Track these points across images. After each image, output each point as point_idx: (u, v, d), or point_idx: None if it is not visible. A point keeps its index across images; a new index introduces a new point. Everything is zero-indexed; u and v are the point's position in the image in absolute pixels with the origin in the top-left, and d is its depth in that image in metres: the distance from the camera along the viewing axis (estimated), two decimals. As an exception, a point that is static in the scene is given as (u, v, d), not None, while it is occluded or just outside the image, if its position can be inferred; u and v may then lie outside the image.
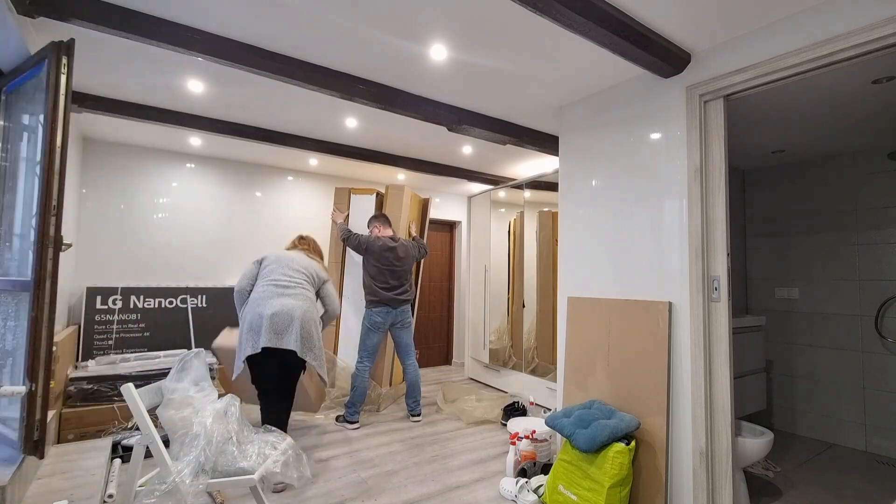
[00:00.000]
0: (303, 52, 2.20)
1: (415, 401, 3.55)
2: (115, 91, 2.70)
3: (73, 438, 2.66)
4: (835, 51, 1.68)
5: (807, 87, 2.29)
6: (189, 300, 3.72)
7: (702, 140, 2.06)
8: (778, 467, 2.80)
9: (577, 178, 2.67)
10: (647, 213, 2.28)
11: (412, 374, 3.56)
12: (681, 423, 2.07)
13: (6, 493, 1.57)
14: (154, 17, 1.91)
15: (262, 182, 4.39)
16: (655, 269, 2.23)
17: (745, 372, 3.07)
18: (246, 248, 4.26)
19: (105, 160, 3.68)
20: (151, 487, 1.56)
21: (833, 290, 3.33)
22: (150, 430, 1.63)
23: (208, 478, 1.61)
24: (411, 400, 3.56)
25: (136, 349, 3.48)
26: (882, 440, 3.04)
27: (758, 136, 3.03)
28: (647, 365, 2.17)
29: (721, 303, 1.99)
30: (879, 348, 3.10)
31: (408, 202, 4.00)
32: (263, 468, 1.71)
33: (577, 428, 2.08)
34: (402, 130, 3.36)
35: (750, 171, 3.83)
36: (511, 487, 2.32)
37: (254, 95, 2.74)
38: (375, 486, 2.41)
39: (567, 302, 2.63)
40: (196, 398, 1.81)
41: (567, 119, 2.78)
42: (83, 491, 1.88)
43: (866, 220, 3.19)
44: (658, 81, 2.27)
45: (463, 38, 2.04)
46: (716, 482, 1.96)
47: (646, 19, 1.86)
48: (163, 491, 1.54)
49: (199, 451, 1.61)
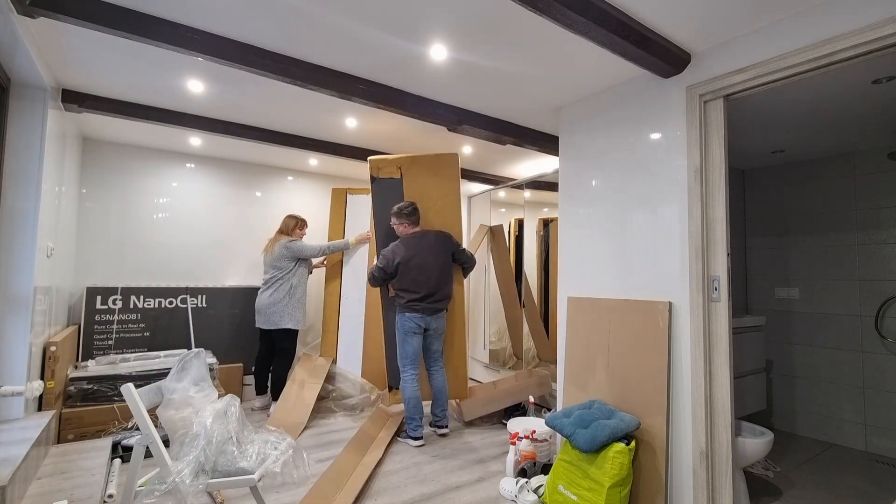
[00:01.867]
0: (302, 52, 2.20)
1: (442, 410, 3.18)
2: (115, 91, 2.70)
3: (73, 438, 2.66)
4: (835, 51, 1.68)
5: (807, 87, 2.29)
6: (189, 300, 3.72)
7: (702, 140, 2.06)
8: (778, 467, 2.80)
9: (577, 178, 2.67)
10: (646, 213, 2.28)
11: (439, 382, 3.19)
12: (681, 423, 2.07)
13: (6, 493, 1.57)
14: (154, 17, 1.91)
15: (262, 182, 4.39)
16: (655, 269, 2.23)
17: (745, 372, 3.07)
18: (246, 249, 4.25)
19: (105, 160, 3.68)
20: (151, 487, 1.56)
21: (833, 290, 3.33)
22: (150, 430, 1.63)
23: (208, 478, 1.61)
24: (438, 409, 3.18)
25: (136, 349, 3.48)
26: (882, 440, 3.04)
27: (758, 136, 3.03)
28: (647, 365, 2.17)
29: (721, 303, 1.99)
30: (879, 348, 3.10)
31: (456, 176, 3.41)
32: (263, 468, 1.71)
33: (577, 428, 2.08)
34: (402, 130, 3.36)
35: (750, 171, 3.83)
36: (511, 487, 2.32)
37: (254, 95, 2.74)
38: (375, 486, 2.41)
39: (567, 302, 2.63)
40: (196, 398, 1.81)
41: (567, 119, 2.78)
42: (83, 491, 1.89)
43: (866, 220, 3.19)
44: (658, 81, 2.27)
45: (463, 38, 2.04)
46: (716, 482, 1.96)
47: (646, 19, 1.86)
48: (163, 491, 1.54)
49: (199, 451, 1.61)
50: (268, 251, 3.71)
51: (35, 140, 2.33)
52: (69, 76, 2.50)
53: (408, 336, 3.07)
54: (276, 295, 3.56)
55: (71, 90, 2.68)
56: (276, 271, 3.61)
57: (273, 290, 3.58)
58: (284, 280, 3.61)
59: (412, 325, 3.06)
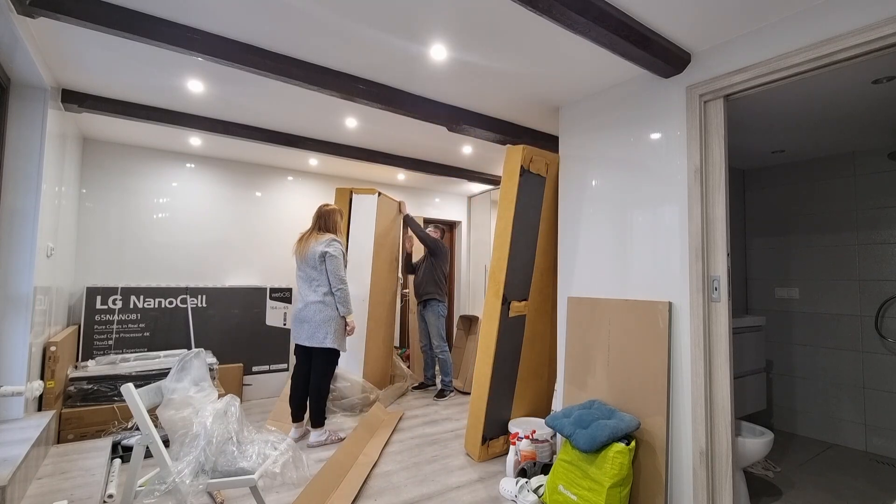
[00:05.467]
0: (303, 52, 2.20)
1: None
2: (115, 91, 2.70)
3: (73, 438, 2.66)
4: (835, 51, 1.68)
5: (807, 87, 2.29)
6: (189, 300, 3.72)
7: (702, 140, 2.06)
8: (778, 467, 2.80)
9: (577, 178, 2.67)
10: (646, 213, 2.28)
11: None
12: (681, 423, 2.07)
13: (6, 493, 1.57)
14: (154, 17, 1.91)
15: (262, 182, 4.39)
16: (655, 269, 2.23)
17: (745, 372, 3.07)
18: (246, 248, 4.26)
19: (105, 160, 3.68)
20: (151, 487, 1.56)
21: (833, 290, 3.33)
22: (150, 430, 1.63)
23: (208, 478, 1.61)
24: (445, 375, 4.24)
25: (136, 349, 3.48)
26: (882, 440, 3.04)
27: (758, 136, 3.03)
28: (647, 365, 2.17)
29: (721, 303, 1.99)
30: (879, 348, 3.10)
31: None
32: (263, 468, 1.71)
33: (577, 428, 2.08)
34: (402, 130, 3.36)
35: (750, 171, 3.83)
36: (511, 487, 2.32)
37: (253, 95, 2.74)
38: (375, 486, 2.41)
39: (567, 302, 2.63)
40: (196, 398, 1.81)
41: (567, 119, 2.78)
42: (83, 491, 1.89)
43: (866, 220, 3.19)
44: (658, 81, 2.27)
45: (463, 38, 2.04)
46: (716, 482, 1.96)
47: (646, 19, 1.86)
48: (163, 491, 1.54)
49: (199, 451, 1.61)
50: (302, 252, 3.02)
51: (35, 140, 2.33)
52: (69, 76, 2.50)
53: (443, 319, 4.23)
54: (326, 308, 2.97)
55: (71, 90, 2.68)
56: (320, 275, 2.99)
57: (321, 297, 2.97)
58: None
59: (445, 312, 4.28)
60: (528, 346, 2.95)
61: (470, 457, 2.81)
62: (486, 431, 2.76)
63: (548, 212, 2.91)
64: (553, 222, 2.95)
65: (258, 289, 4.04)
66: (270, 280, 4.35)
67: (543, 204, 2.87)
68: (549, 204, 2.90)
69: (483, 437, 2.75)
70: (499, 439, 2.85)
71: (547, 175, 2.85)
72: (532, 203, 2.81)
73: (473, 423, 2.79)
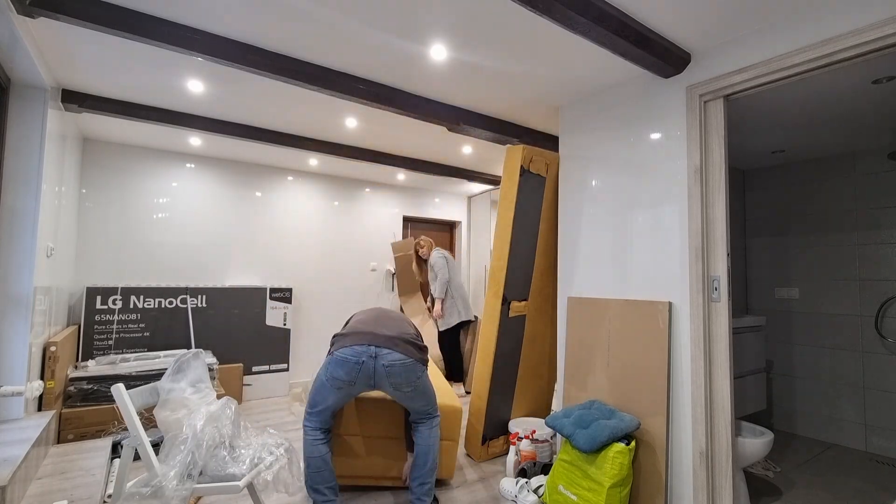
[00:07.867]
0: (303, 52, 2.20)
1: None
2: (115, 91, 2.70)
3: (73, 438, 2.66)
4: (835, 51, 1.68)
5: (807, 87, 2.29)
6: (189, 300, 3.72)
7: (702, 140, 2.06)
8: (778, 467, 2.80)
9: (577, 178, 2.67)
10: (646, 213, 2.28)
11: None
12: (681, 423, 2.07)
13: (6, 493, 1.57)
14: (154, 17, 1.91)
15: (262, 182, 4.39)
16: (655, 269, 2.23)
17: (745, 372, 3.07)
18: (246, 249, 4.25)
19: (105, 160, 3.68)
20: (134, 490, 1.53)
21: (833, 290, 3.32)
22: (137, 432, 1.60)
23: (194, 482, 1.57)
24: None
25: (136, 349, 3.48)
26: (882, 440, 3.04)
27: (758, 136, 3.02)
28: (647, 365, 2.17)
29: (721, 303, 1.99)
30: (879, 348, 3.10)
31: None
32: (250, 476, 1.67)
33: (577, 428, 2.08)
34: (402, 130, 3.36)
35: (750, 171, 3.83)
36: (511, 487, 2.32)
37: (253, 95, 2.74)
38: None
39: (567, 302, 2.63)
40: (192, 399, 1.78)
41: (567, 119, 2.78)
42: (83, 491, 1.89)
43: (866, 220, 3.19)
44: (658, 81, 2.26)
45: (463, 38, 2.04)
46: (716, 482, 1.96)
47: (646, 19, 1.86)
48: (145, 494, 1.50)
49: (186, 454, 1.57)
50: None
51: (35, 140, 2.33)
52: (69, 76, 2.50)
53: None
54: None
55: (71, 90, 2.68)
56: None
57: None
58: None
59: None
60: (528, 346, 2.95)
61: (470, 457, 2.81)
62: (486, 431, 2.76)
63: (548, 212, 2.90)
64: (553, 222, 2.95)
65: (258, 289, 4.04)
66: (270, 280, 4.35)
67: (543, 204, 2.87)
68: (549, 204, 2.90)
69: (483, 437, 2.75)
70: (499, 439, 2.85)
71: (547, 175, 2.84)
72: (532, 203, 2.80)
73: (473, 423, 2.79)
